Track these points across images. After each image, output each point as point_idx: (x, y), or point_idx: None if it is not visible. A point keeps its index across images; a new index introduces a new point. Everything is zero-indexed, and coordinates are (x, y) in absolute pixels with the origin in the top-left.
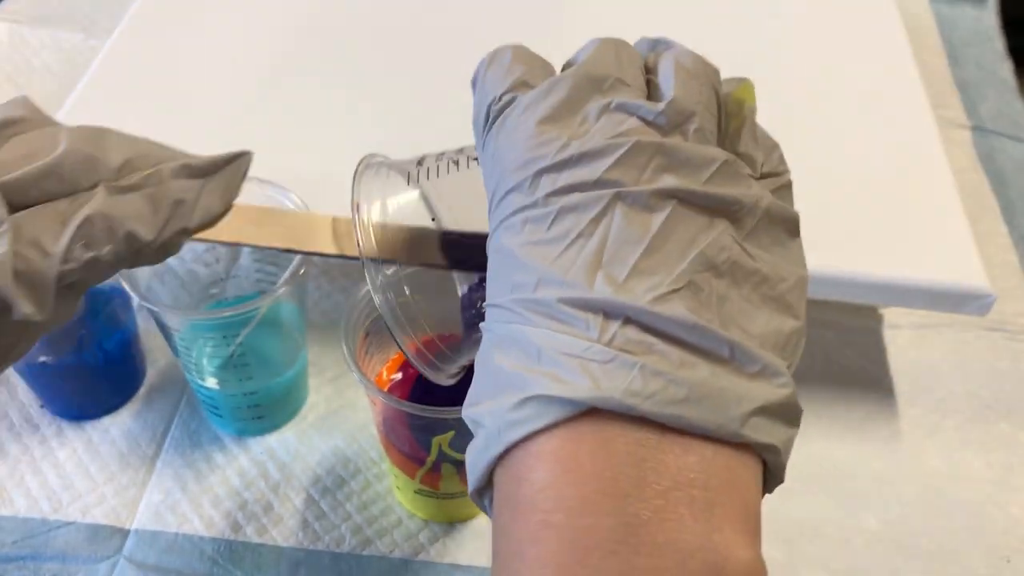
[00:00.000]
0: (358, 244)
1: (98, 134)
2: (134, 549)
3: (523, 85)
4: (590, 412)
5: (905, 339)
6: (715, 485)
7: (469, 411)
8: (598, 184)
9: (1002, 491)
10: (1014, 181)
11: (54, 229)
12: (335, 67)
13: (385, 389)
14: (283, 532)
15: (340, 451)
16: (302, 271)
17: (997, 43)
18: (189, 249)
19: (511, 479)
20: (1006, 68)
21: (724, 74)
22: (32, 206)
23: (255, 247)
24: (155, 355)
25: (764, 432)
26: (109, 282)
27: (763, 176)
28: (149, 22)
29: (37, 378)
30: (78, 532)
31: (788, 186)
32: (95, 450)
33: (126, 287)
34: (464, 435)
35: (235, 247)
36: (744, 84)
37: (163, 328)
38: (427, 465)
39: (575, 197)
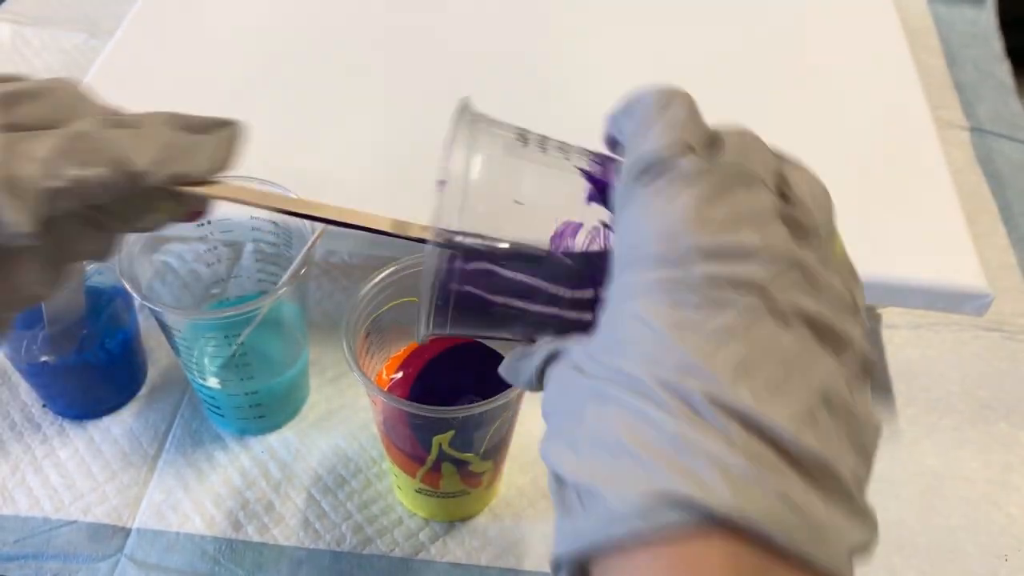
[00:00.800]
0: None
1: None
2: (135, 548)
3: (689, 150)
4: (720, 524)
5: (903, 339)
6: None
7: (574, 476)
8: (752, 287)
9: (1000, 490)
10: (1012, 182)
11: (43, 142)
12: (336, 67)
13: (385, 388)
14: (284, 531)
15: (341, 450)
16: (303, 271)
17: (995, 44)
18: (190, 249)
19: (617, 570)
20: (1004, 69)
21: (721, 75)
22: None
23: (320, 220)
24: (157, 355)
25: (852, 570)
26: (111, 282)
27: None
28: (150, 23)
29: (39, 378)
30: (80, 531)
31: (869, 332)
32: (97, 449)
33: (127, 287)
34: (464, 433)
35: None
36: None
37: (164, 328)
38: (427, 464)
39: (731, 293)
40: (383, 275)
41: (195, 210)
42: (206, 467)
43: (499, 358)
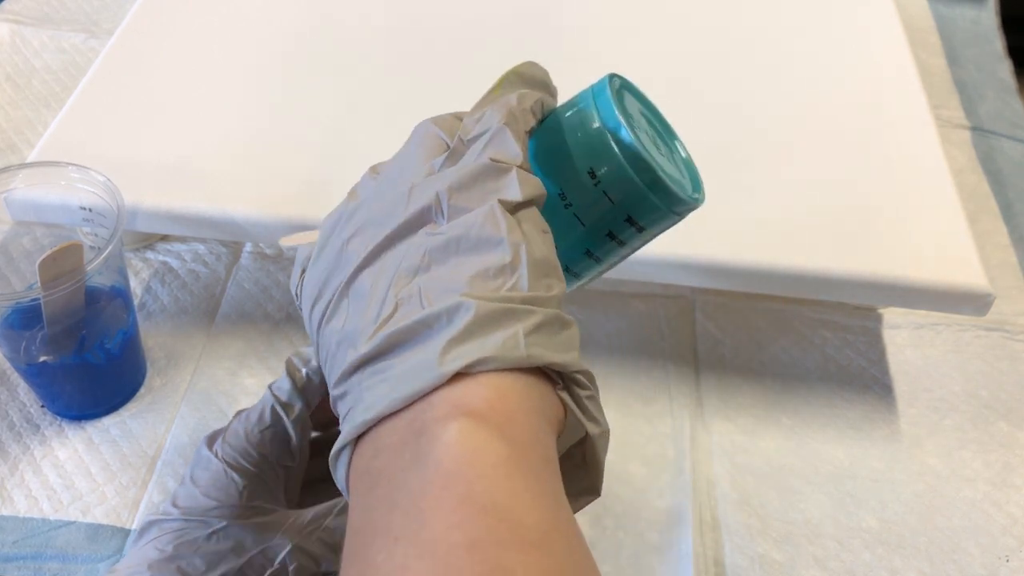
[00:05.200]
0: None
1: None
2: None
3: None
4: (364, 435)
5: (904, 339)
6: (428, 412)
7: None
8: (331, 282)
9: (1001, 490)
10: (1013, 181)
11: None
12: (336, 68)
13: None
14: None
15: None
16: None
17: (996, 43)
18: (189, 249)
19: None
20: (1005, 68)
21: (723, 73)
22: None
23: None
24: (156, 355)
25: (463, 356)
26: (110, 282)
27: (468, 143)
28: (150, 24)
29: (38, 378)
30: (79, 532)
31: (496, 134)
32: (96, 450)
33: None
34: None
35: (235, 247)
36: (499, 78)
37: None
38: None
39: (321, 305)
40: None
41: None
42: None
43: None
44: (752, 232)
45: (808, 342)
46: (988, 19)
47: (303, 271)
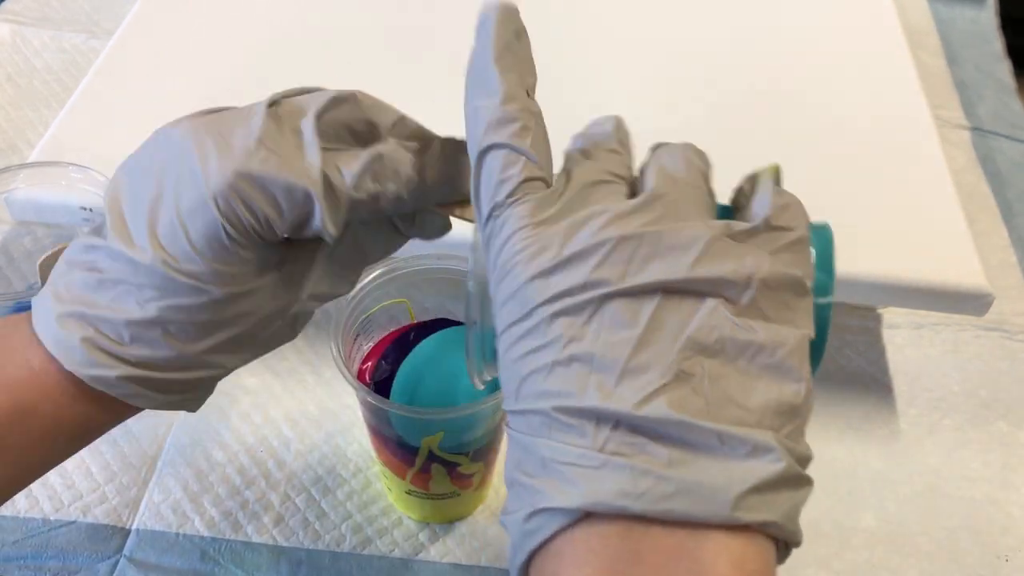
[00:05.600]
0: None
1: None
2: (135, 549)
3: (527, 182)
4: (590, 516)
5: (904, 339)
6: (708, 559)
7: (503, 518)
8: (586, 287)
9: (1001, 490)
10: (1012, 181)
11: (350, 160)
12: (336, 68)
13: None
14: (284, 531)
15: (340, 450)
16: None
17: (995, 44)
18: None
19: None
20: (1004, 69)
21: (722, 74)
22: (333, 134)
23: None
24: None
25: (759, 511)
26: None
27: (771, 229)
28: (150, 24)
29: None
30: (79, 532)
31: (799, 241)
32: (96, 450)
33: None
34: (453, 435)
35: None
36: (772, 164)
37: None
38: (417, 466)
39: (566, 302)
40: (372, 276)
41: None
42: (205, 468)
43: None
44: None
45: None
46: (987, 19)
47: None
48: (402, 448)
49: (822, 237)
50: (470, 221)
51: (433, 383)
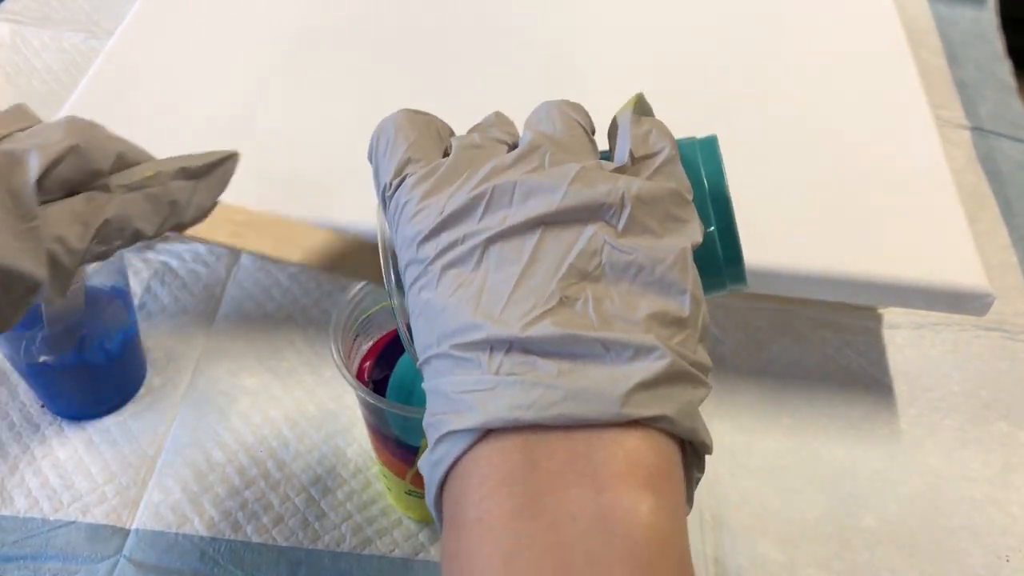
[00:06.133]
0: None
1: (91, 126)
2: (134, 549)
3: (410, 163)
4: (490, 433)
5: (904, 339)
6: (601, 457)
7: (418, 463)
8: (469, 236)
9: (1001, 490)
10: (1013, 181)
11: (76, 229)
12: (336, 68)
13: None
14: (283, 532)
15: (340, 450)
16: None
17: (996, 43)
18: (190, 249)
19: (449, 503)
20: (1005, 69)
21: (722, 74)
22: (54, 190)
23: (248, 252)
24: (156, 355)
25: (648, 406)
26: (110, 283)
27: (638, 160)
28: (150, 23)
29: (38, 378)
30: (78, 532)
31: (670, 160)
32: (96, 450)
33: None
34: None
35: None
36: (632, 97)
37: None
38: (416, 466)
39: (453, 253)
40: None
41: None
42: (205, 468)
43: None
44: (752, 232)
45: (808, 342)
46: (988, 19)
47: (403, 158)
48: (402, 448)
49: (706, 145)
50: (204, 241)
51: None
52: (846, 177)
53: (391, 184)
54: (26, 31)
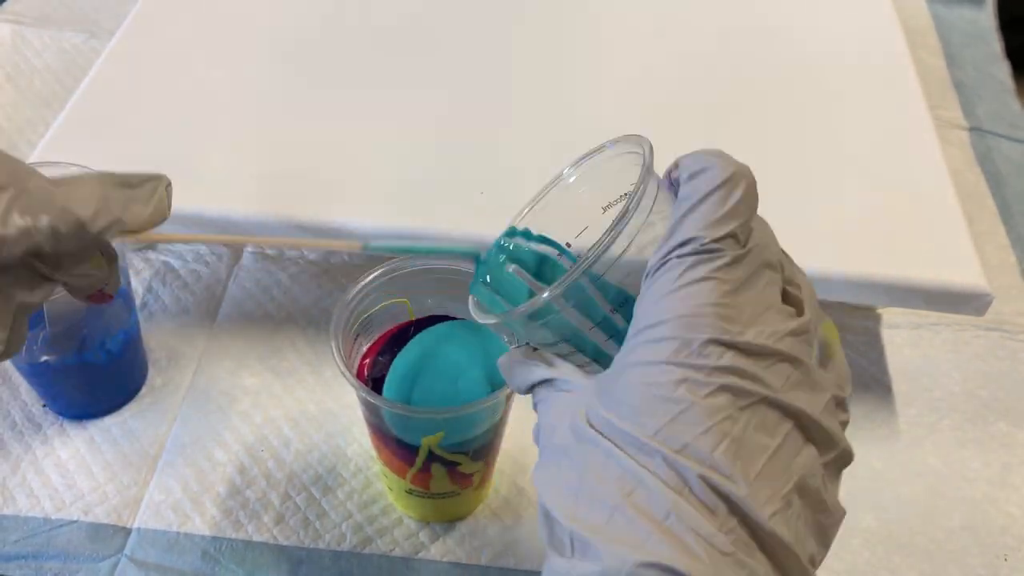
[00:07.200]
0: None
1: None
2: (136, 548)
3: (731, 238)
4: None
5: (903, 339)
6: None
7: (573, 524)
8: (755, 379)
9: (1000, 490)
10: (1011, 181)
11: None
12: (337, 68)
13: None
14: (284, 531)
15: (340, 450)
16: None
17: (994, 44)
18: (191, 249)
19: None
20: (1003, 69)
21: (721, 74)
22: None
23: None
24: (156, 355)
25: None
26: None
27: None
28: (151, 24)
29: (40, 378)
30: (80, 531)
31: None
32: (97, 449)
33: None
34: (453, 434)
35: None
36: (828, 323)
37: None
38: (417, 465)
39: (735, 380)
40: (372, 276)
41: (108, 292)
42: (206, 467)
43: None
44: None
45: None
46: (986, 20)
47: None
48: (402, 447)
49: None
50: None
51: (431, 380)
52: (844, 177)
53: (706, 241)
54: (27, 31)
